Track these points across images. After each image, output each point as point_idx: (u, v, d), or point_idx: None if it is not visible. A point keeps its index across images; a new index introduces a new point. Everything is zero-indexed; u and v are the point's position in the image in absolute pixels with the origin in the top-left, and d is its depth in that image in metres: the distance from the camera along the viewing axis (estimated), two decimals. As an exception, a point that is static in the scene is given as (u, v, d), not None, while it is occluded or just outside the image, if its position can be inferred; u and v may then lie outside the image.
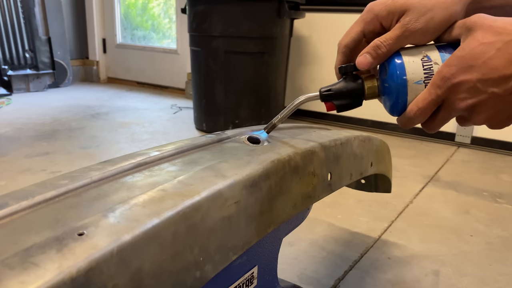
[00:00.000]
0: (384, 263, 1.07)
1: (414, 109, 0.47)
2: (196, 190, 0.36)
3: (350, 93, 0.50)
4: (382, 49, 0.48)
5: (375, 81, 0.51)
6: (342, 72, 0.51)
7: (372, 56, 0.48)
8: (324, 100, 0.51)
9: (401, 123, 0.50)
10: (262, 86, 2.17)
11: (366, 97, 0.51)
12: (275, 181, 0.45)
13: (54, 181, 0.35)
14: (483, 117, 0.46)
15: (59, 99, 3.00)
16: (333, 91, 0.51)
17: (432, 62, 0.47)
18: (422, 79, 0.47)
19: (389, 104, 0.50)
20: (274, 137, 0.55)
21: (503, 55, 0.42)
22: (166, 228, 0.32)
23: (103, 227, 0.30)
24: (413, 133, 2.27)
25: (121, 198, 0.34)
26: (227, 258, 0.38)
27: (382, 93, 0.51)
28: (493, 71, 0.42)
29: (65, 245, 0.27)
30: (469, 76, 0.43)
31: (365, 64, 0.49)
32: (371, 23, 0.50)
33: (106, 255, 0.28)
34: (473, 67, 0.43)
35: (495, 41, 0.42)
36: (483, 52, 0.42)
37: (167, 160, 0.43)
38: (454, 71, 0.44)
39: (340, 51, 0.53)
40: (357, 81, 0.51)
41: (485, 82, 0.43)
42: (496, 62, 0.42)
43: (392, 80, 0.48)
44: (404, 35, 0.47)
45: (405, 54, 0.48)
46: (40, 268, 0.25)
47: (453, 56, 0.44)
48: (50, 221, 0.30)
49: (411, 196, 1.51)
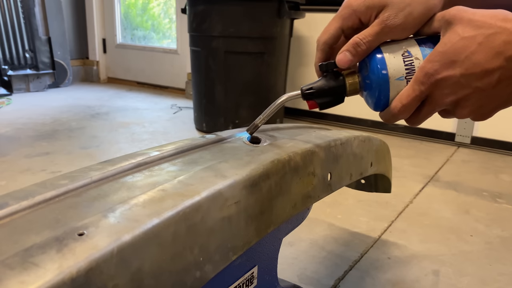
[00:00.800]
0: (384, 263, 1.07)
1: (398, 105, 0.47)
2: (196, 190, 0.36)
3: (332, 91, 0.50)
4: (362, 47, 0.48)
5: (356, 77, 0.51)
6: (323, 70, 0.51)
7: (352, 53, 0.48)
8: (305, 99, 0.51)
9: (384, 119, 0.50)
10: (262, 86, 2.17)
11: (348, 94, 0.51)
12: (275, 181, 0.45)
13: (54, 181, 0.35)
14: (466, 111, 0.46)
15: (59, 99, 3.00)
16: (314, 89, 0.50)
17: (413, 58, 0.47)
18: (404, 75, 0.47)
19: (371, 101, 0.50)
20: (274, 137, 0.55)
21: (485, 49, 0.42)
22: (166, 228, 0.32)
23: (103, 227, 0.30)
24: (413, 133, 2.27)
25: (121, 198, 0.34)
26: (227, 258, 0.38)
27: (363, 89, 0.50)
28: (476, 66, 0.42)
29: (65, 245, 0.27)
30: (452, 72, 0.43)
31: (345, 62, 0.49)
32: (350, 19, 0.49)
33: (106, 255, 0.28)
34: (456, 62, 0.43)
35: (476, 35, 0.42)
36: (465, 47, 0.42)
37: (167, 160, 0.43)
38: (437, 67, 0.44)
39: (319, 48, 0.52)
40: (338, 78, 0.50)
41: (468, 77, 0.43)
42: (479, 57, 0.42)
43: (374, 77, 0.48)
44: (383, 31, 0.47)
45: (386, 50, 0.48)
46: (40, 268, 0.25)
47: (435, 51, 0.44)
48: (50, 221, 0.30)
49: (411, 196, 1.51)
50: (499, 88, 0.43)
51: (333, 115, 2.50)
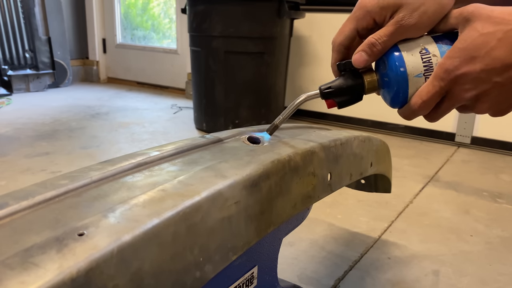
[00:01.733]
0: (384, 263, 1.07)
1: (418, 102, 0.47)
2: (196, 190, 0.36)
3: (350, 89, 0.51)
4: (377, 47, 0.48)
5: (374, 75, 0.51)
6: (340, 69, 0.51)
7: (368, 53, 0.49)
8: (324, 98, 0.51)
9: (403, 115, 0.51)
10: (262, 86, 2.17)
11: (366, 92, 0.51)
12: (275, 181, 0.45)
13: (54, 181, 0.35)
14: (486, 106, 0.47)
15: (59, 99, 3.00)
16: (333, 88, 0.51)
17: (430, 55, 0.47)
18: (422, 72, 0.47)
19: (390, 97, 0.50)
20: (274, 137, 0.55)
21: (505, 44, 0.42)
22: (166, 228, 0.32)
23: (103, 227, 0.30)
24: (413, 133, 2.27)
25: (121, 198, 0.34)
26: (227, 258, 0.38)
27: (381, 86, 0.51)
28: (496, 61, 0.43)
29: (65, 245, 0.27)
30: (473, 67, 0.44)
31: (361, 62, 0.49)
32: (364, 20, 0.50)
33: (106, 255, 0.28)
34: (476, 58, 0.43)
35: (496, 31, 0.43)
36: (485, 43, 0.43)
37: (167, 160, 0.43)
38: (457, 63, 0.44)
39: (335, 49, 0.53)
40: (356, 76, 0.51)
41: (488, 72, 0.43)
42: (498, 52, 0.43)
43: (392, 74, 0.48)
44: (398, 31, 0.47)
45: (403, 48, 0.48)
46: (40, 268, 0.25)
47: (455, 48, 0.45)
48: (50, 221, 0.30)
49: (411, 196, 1.51)
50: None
51: (333, 115, 2.50)
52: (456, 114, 2.15)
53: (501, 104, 0.46)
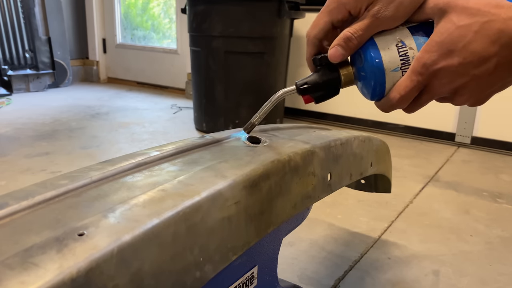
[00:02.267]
0: (384, 263, 1.07)
1: (396, 96, 0.47)
2: (196, 190, 0.36)
3: (327, 84, 0.50)
4: (353, 41, 0.48)
5: (350, 68, 0.50)
6: (316, 64, 0.51)
7: (343, 48, 0.48)
8: (301, 93, 0.51)
9: (382, 108, 0.50)
10: (262, 86, 2.17)
11: (342, 86, 0.51)
12: (275, 181, 0.45)
13: (54, 181, 0.35)
14: (464, 98, 0.47)
15: (59, 99, 3.00)
16: (309, 84, 0.51)
17: (407, 48, 0.47)
18: (399, 66, 0.47)
19: (367, 91, 0.50)
20: (274, 137, 0.55)
21: (481, 37, 0.42)
22: (166, 228, 0.32)
23: (103, 227, 0.30)
24: (413, 133, 2.27)
25: (121, 198, 0.34)
26: (227, 258, 0.38)
27: (358, 79, 0.50)
28: (473, 55, 0.43)
29: (65, 245, 0.27)
30: (450, 62, 0.44)
31: (336, 56, 0.49)
32: (340, 13, 0.49)
33: (106, 256, 0.28)
34: (454, 51, 0.43)
35: (472, 24, 0.42)
36: (462, 36, 0.43)
37: (167, 160, 0.43)
38: (434, 58, 0.44)
39: (310, 43, 0.52)
40: (332, 70, 0.50)
41: (466, 66, 0.43)
42: (475, 45, 0.43)
43: (369, 69, 0.48)
44: (374, 24, 0.47)
45: (379, 41, 0.47)
46: (40, 269, 0.25)
47: (432, 41, 0.44)
48: (50, 221, 0.30)
49: (411, 196, 1.51)
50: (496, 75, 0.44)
51: (333, 115, 2.50)
52: (456, 115, 2.15)
53: (479, 94, 0.47)
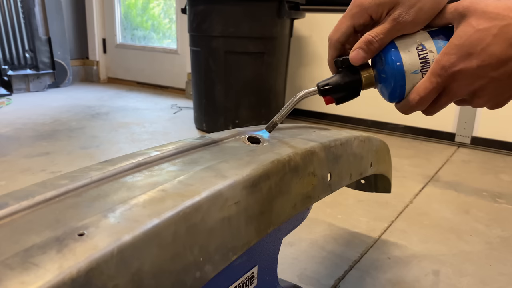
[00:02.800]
0: (384, 263, 1.07)
1: (416, 98, 0.48)
2: (196, 191, 0.36)
3: (348, 86, 0.51)
4: (374, 45, 0.49)
5: (371, 70, 0.51)
6: (338, 66, 0.52)
7: (365, 51, 0.50)
8: (322, 95, 0.52)
9: (402, 110, 0.51)
10: (262, 86, 2.17)
11: (363, 88, 0.52)
12: (275, 182, 0.45)
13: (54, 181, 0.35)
14: (483, 100, 0.48)
15: (59, 99, 3.00)
16: (331, 85, 0.51)
17: (427, 51, 0.48)
18: (419, 68, 0.48)
19: (387, 93, 0.51)
20: (274, 137, 0.55)
21: (500, 40, 0.43)
22: (166, 228, 0.32)
23: (104, 228, 0.30)
24: (413, 133, 2.27)
25: (121, 198, 0.34)
26: (227, 258, 0.38)
27: (379, 82, 0.51)
28: (492, 57, 0.44)
29: (66, 245, 0.27)
30: (469, 64, 0.44)
31: (358, 59, 0.50)
32: (361, 17, 0.50)
33: (107, 256, 0.28)
34: (472, 54, 0.44)
35: (491, 27, 0.43)
36: (481, 39, 0.44)
37: (167, 160, 0.43)
38: (453, 60, 0.45)
39: (331, 46, 0.54)
40: (353, 72, 0.51)
41: (484, 68, 0.44)
42: (494, 48, 0.43)
43: (390, 71, 0.49)
44: (395, 28, 0.48)
45: (400, 44, 0.48)
46: (40, 269, 0.25)
47: (451, 44, 0.45)
48: (50, 221, 0.30)
49: (411, 196, 1.51)
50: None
51: (333, 115, 2.50)
52: (456, 114, 2.15)
53: (498, 97, 0.47)
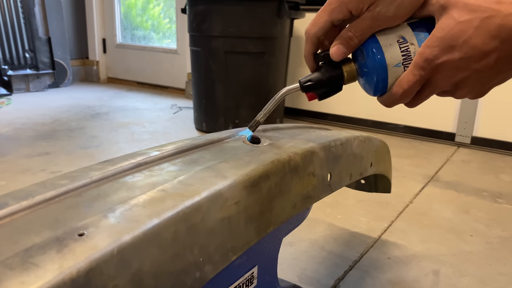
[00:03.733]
0: (384, 263, 1.07)
1: (399, 91, 0.48)
2: (196, 191, 0.36)
3: (330, 81, 0.51)
4: (354, 40, 0.49)
5: (353, 64, 0.51)
6: (319, 61, 0.52)
7: (345, 46, 0.49)
8: (304, 91, 0.52)
9: (385, 104, 0.51)
10: (262, 86, 2.17)
11: (345, 82, 0.52)
12: (275, 182, 0.45)
13: (54, 181, 0.35)
14: (465, 91, 0.49)
15: (59, 99, 3.00)
16: (313, 81, 0.51)
17: (408, 43, 0.48)
18: (401, 61, 0.48)
19: (369, 87, 0.51)
20: (274, 137, 0.55)
21: (482, 32, 0.43)
22: (166, 228, 0.32)
23: (103, 228, 0.30)
24: (413, 133, 2.27)
25: (121, 198, 0.34)
26: (226, 259, 0.38)
27: (361, 75, 0.51)
28: (474, 50, 0.44)
29: (66, 245, 0.27)
30: (452, 56, 0.45)
31: (338, 55, 0.50)
32: (341, 13, 0.49)
33: (107, 256, 0.28)
34: (455, 47, 0.44)
35: (472, 19, 0.43)
36: (462, 31, 0.44)
37: (167, 160, 0.43)
38: (436, 52, 0.45)
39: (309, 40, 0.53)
40: (334, 67, 0.51)
41: (467, 60, 0.45)
42: (476, 41, 0.44)
43: (371, 65, 0.48)
44: (375, 24, 0.48)
45: (381, 38, 0.48)
46: (40, 269, 0.25)
47: (433, 36, 0.45)
48: (50, 221, 0.30)
49: (411, 196, 1.51)
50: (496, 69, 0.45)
51: (333, 115, 2.50)
52: (456, 114, 2.15)
53: (480, 88, 0.48)
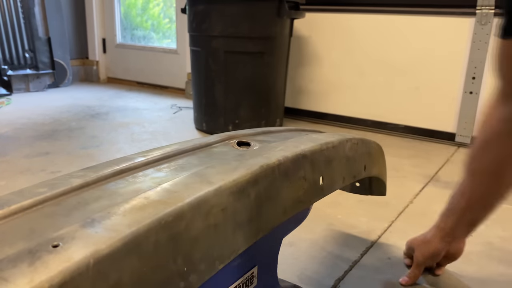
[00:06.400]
0: (384, 263, 1.06)
1: None
2: (180, 197, 0.35)
3: None
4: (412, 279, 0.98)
5: None
6: None
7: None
8: None
9: None
10: (262, 86, 2.16)
11: None
12: (264, 187, 0.44)
13: (32, 189, 0.35)
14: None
15: (59, 99, 3.00)
16: None
17: None
18: None
19: None
20: (264, 141, 0.54)
21: None
22: (147, 238, 0.31)
23: (80, 238, 0.29)
24: (413, 133, 2.25)
25: (101, 206, 0.33)
26: (213, 268, 0.37)
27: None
28: None
29: (38, 257, 0.26)
30: None
31: None
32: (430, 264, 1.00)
33: (82, 268, 0.27)
34: None
35: None
36: None
37: (152, 166, 0.42)
38: None
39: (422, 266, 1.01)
40: None
41: None
42: None
43: None
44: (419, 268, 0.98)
45: None
46: (9, 284, 0.24)
47: None
48: (25, 231, 0.29)
49: (411, 196, 1.50)
50: None
51: (333, 115, 2.49)
52: (457, 114, 2.13)
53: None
